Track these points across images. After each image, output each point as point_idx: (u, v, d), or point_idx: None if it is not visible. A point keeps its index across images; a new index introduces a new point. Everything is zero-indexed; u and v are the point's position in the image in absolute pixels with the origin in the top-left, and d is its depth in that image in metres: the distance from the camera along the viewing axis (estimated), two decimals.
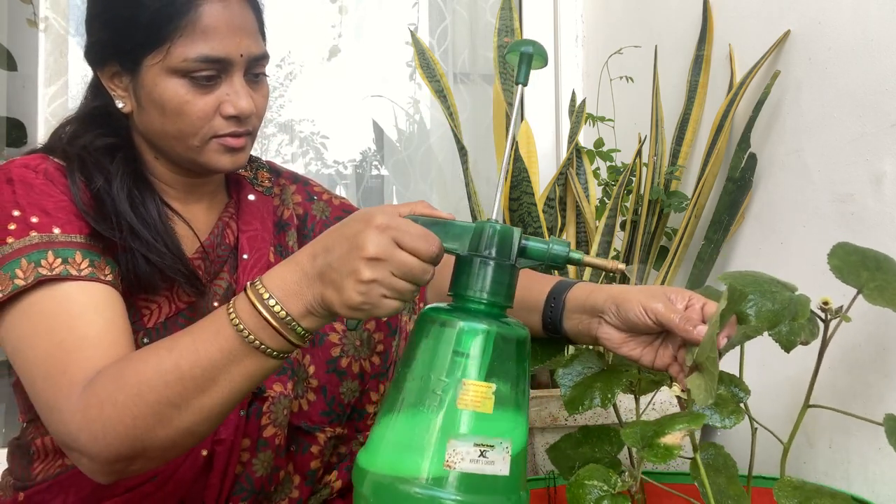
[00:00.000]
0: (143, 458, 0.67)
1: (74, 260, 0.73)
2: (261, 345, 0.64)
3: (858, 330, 0.98)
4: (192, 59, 0.78)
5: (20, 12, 1.64)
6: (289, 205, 0.99)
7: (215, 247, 0.89)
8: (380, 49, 1.90)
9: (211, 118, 0.81)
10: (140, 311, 0.81)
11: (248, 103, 0.81)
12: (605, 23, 1.84)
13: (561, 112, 1.94)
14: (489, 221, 0.62)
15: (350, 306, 0.60)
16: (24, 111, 1.64)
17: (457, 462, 0.54)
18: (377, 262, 0.59)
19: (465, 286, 0.61)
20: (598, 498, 0.55)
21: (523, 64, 0.68)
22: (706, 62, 1.37)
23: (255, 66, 0.84)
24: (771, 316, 0.62)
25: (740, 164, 1.23)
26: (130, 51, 0.80)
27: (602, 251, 1.31)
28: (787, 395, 1.03)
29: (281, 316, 0.63)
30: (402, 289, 0.60)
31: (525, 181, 1.27)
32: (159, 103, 0.80)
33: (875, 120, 0.99)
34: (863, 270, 0.70)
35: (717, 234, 1.25)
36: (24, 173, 0.78)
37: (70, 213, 0.77)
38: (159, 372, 0.65)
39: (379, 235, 0.59)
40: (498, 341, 0.58)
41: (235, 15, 0.80)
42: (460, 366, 0.56)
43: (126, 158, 0.85)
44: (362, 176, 1.91)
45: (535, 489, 0.91)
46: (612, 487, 0.55)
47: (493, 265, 0.60)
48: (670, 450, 0.53)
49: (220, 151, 0.83)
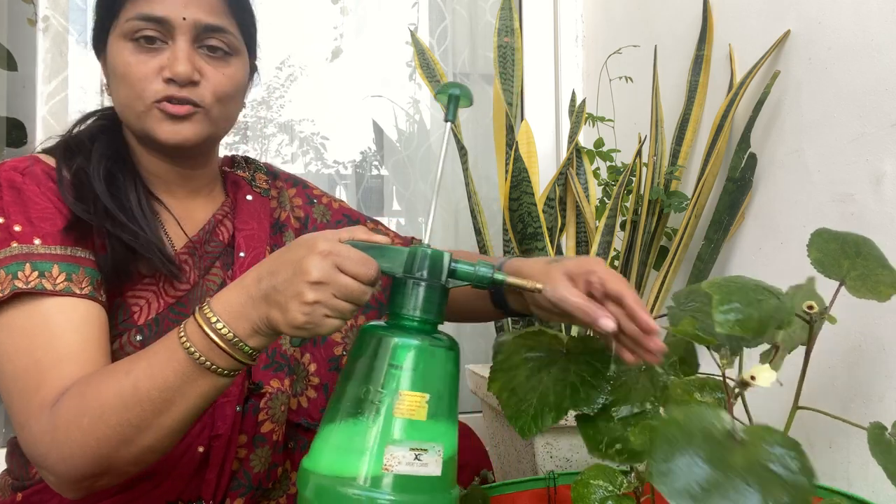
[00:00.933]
0: (108, 475, 0.70)
1: (51, 273, 0.75)
2: (212, 365, 0.67)
3: (858, 330, 0.98)
4: (133, 18, 0.80)
5: (20, 12, 1.64)
6: (286, 207, 1.01)
7: (204, 242, 0.90)
8: (380, 49, 1.90)
9: (151, 81, 0.81)
10: (130, 309, 0.82)
11: (185, 67, 0.81)
12: (605, 23, 1.84)
13: (561, 112, 1.94)
14: (422, 246, 0.67)
15: (294, 326, 0.64)
16: (23, 111, 1.64)
17: (394, 465, 0.59)
18: (320, 285, 0.63)
19: (400, 305, 0.66)
20: (603, 498, 0.55)
21: (451, 104, 0.73)
22: (706, 62, 1.37)
23: (206, 37, 0.83)
24: (757, 325, 0.61)
25: (740, 164, 1.23)
26: (101, 31, 0.85)
27: (602, 251, 1.31)
28: (786, 396, 1.03)
29: (228, 337, 0.66)
30: (343, 309, 0.64)
31: (525, 181, 1.27)
32: (113, 72, 0.83)
33: (875, 120, 0.99)
34: (843, 259, 0.68)
35: (717, 234, 1.25)
36: (12, 177, 0.79)
37: (53, 221, 0.78)
38: (119, 395, 0.67)
39: (322, 261, 0.63)
40: (429, 355, 0.64)
41: None
42: (396, 377, 0.62)
43: (109, 141, 0.86)
44: (362, 176, 1.91)
45: (535, 489, 0.91)
46: (617, 488, 0.55)
47: (426, 286, 0.66)
48: None
49: (161, 118, 0.82)
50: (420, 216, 1.92)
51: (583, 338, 0.76)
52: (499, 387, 0.74)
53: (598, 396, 0.68)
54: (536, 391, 0.71)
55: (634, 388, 0.69)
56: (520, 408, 0.70)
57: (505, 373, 0.74)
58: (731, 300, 0.61)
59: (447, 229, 1.92)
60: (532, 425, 0.69)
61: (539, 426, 0.69)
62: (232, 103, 0.89)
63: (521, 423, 0.70)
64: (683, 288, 0.77)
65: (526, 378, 0.73)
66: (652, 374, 0.70)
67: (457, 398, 0.66)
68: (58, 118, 1.65)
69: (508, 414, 0.71)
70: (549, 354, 0.74)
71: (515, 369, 0.74)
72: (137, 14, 0.80)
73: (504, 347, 0.77)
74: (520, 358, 0.75)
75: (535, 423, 0.69)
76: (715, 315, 0.61)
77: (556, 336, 0.76)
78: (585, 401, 0.68)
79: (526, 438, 0.70)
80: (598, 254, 1.31)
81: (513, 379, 0.73)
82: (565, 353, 0.74)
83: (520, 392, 0.72)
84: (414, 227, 1.92)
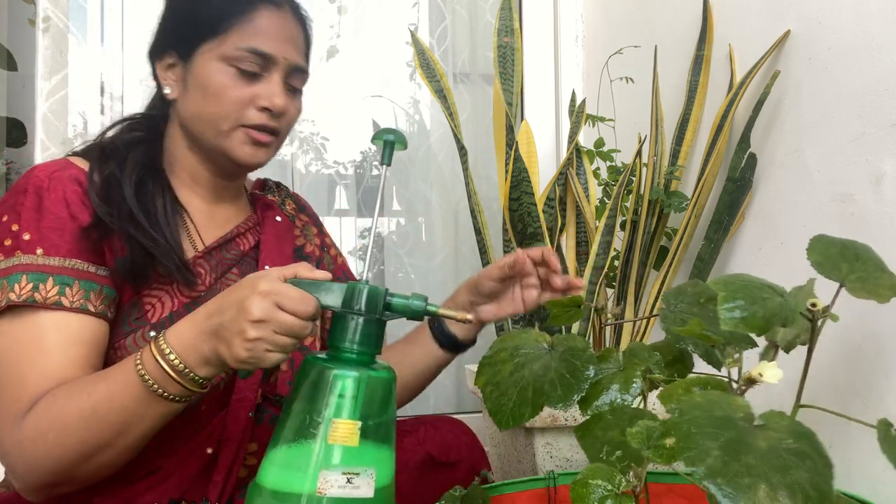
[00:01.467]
0: (68, 484, 0.77)
1: (45, 286, 0.78)
2: (164, 392, 0.73)
3: (858, 329, 0.98)
4: (242, 48, 0.87)
5: (20, 12, 1.64)
6: (311, 240, 1.09)
7: (221, 247, 0.94)
8: (380, 49, 1.90)
9: (245, 107, 0.88)
10: (144, 307, 0.84)
11: (282, 101, 0.89)
12: (605, 23, 1.84)
13: (561, 112, 1.94)
14: (360, 283, 0.71)
15: (238, 360, 0.70)
16: (23, 111, 1.64)
17: (327, 489, 0.64)
18: (261, 323, 0.68)
19: (340, 339, 0.70)
20: (602, 497, 0.55)
21: (386, 149, 0.79)
22: (706, 62, 1.37)
23: (293, 77, 0.92)
24: (761, 323, 0.61)
25: (740, 164, 1.23)
26: (189, 40, 0.89)
27: (602, 251, 1.31)
28: (787, 395, 1.03)
29: (179, 368, 0.72)
30: (284, 343, 0.70)
31: (525, 181, 1.27)
32: (204, 86, 0.88)
33: (875, 120, 0.99)
34: (843, 263, 0.70)
35: (717, 234, 1.25)
36: (40, 183, 0.83)
37: (61, 231, 0.81)
38: (81, 415, 0.73)
39: (262, 300, 0.68)
40: (366, 385, 0.68)
41: (287, 25, 0.91)
42: (332, 406, 0.67)
43: (146, 151, 0.92)
44: (362, 176, 1.91)
45: (535, 489, 0.91)
46: (615, 487, 0.55)
47: (363, 320, 0.71)
48: (674, 451, 0.53)
49: (245, 142, 0.90)
50: (420, 216, 1.92)
51: (567, 336, 0.77)
52: (484, 381, 0.76)
53: (574, 394, 0.70)
54: (517, 386, 0.73)
55: (609, 386, 0.71)
56: (500, 402, 0.73)
57: (491, 367, 0.77)
58: (736, 298, 0.62)
59: (447, 229, 1.92)
60: (509, 419, 0.71)
61: (516, 420, 0.71)
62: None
63: (499, 416, 0.72)
64: (672, 288, 0.78)
65: (510, 373, 0.75)
66: (627, 374, 0.72)
67: (394, 424, 0.71)
68: (58, 116, 1.65)
69: (489, 407, 0.73)
70: (534, 351, 0.76)
71: (501, 364, 0.76)
72: (248, 47, 0.87)
73: (494, 343, 0.79)
74: (506, 353, 0.77)
75: (513, 417, 0.71)
76: (720, 312, 0.61)
77: (542, 334, 0.79)
78: (561, 398, 0.70)
79: (502, 430, 0.73)
80: (599, 254, 1.31)
81: (497, 374, 0.76)
82: (549, 350, 0.76)
83: (502, 386, 0.74)
84: (414, 227, 1.92)
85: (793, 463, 0.49)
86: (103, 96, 1.71)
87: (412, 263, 1.90)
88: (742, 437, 0.50)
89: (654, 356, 0.73)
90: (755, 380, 0.57)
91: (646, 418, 0.64)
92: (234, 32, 0.87)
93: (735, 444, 0.49)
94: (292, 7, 0.93)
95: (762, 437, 0.50)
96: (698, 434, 0.50)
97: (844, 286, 0.68)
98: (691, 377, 0.66)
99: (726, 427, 0.51)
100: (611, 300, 1.41)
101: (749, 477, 0.47)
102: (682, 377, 0.73)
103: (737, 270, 1.29)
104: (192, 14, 0.90)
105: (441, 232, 1.92)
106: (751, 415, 0.53)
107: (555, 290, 0.95)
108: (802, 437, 0.52)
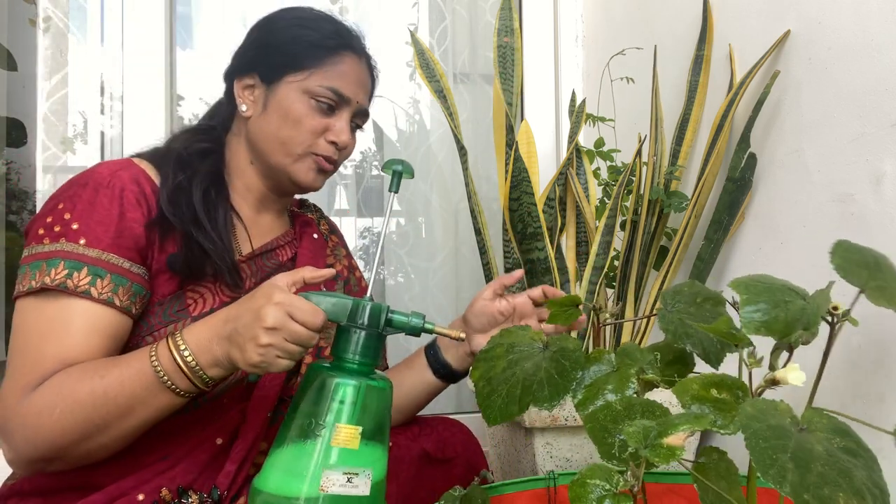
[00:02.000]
0: (61, 462, 0.81)
1: (79, 274, 0.83)
2: (172, 385, 0.79)
3: (859, 331, 0.98)
4: (326, 87, 0.98)
5: (20, 12, 1.64)
6: (341, 261, 1.16)
7: (262, 255, 1.01)
8: (380, 49, 1.90)
9: (317, 136, 0.99)
10: (186, 301, 0.90)
11: (348, 137, 1.01)
12: (605, 23, 1.84)
13: (561, 112, 1.94)
14: (364, 299, 0.79)
15: (250, 364, 0.76)
16: (24, 110, 1.64)
17: (329, 487, 0.70)
18: (274, 330, 0.74)
19: (344, 350, 0.78)
20: (601, 497, 0.55)
21: (395, 178, 0.88)
22: (706, 62, 1.37)
23: (359, 117, 1.04)
24: (783, 327, 0.61)
25: (740, 164, 1.23)
26: (276, 68, 0.99)
27: (602, 251, 1.31)
28: (789, 396, 1.03)
29: (192, 365, 0.78)
30: (293, 351, 0.76)
31: (525, 181, 1.27)
32: (284, 111, 0.97)
33: (875, 120, 0.99)
34: (863, 270, 0.70)
35: (717, 234, 1.25)
36: (100, 179, 0.88)
37: (107, 226, 0.86)
38: (91, 395, 0.78)
39: (276, 310, 0.74)
40: (365, 393, 0.75)
41: (362, 73, 1.04)
42: (335, 412, 0.73)
43: (213, 162, 1.00)
44: (362, 176, 1.91)
45: (535, 489, 0.91)
46: (614, 486, 0.55)
47: (365, 334, 0.78)
48: (673, 450, 0.53)
49: (312, 167, 1.00)
50: (420, 216, 1.92)
51: (561, 336, 0.77)
52: (478, 376, 0.77)
53: (561, 396, 0.71)
54: (508, 383, 0.74)
55: (604, 388, 0.71)
56: (490, 398, 0.74)
57: (486, 362, 0.78)
58: (759, 301, 0.62)
59: (447, 229, 1.92)
60: (497, 416, 0.73)
61: (504, 417, 0.72)
62: None
63: (488, 412, 0.73)
64: (670, 288, 0.78)
65: (502, 370, 0.76)
66: (621, 375, 0.72)
67: (388, 427, 0.78)
68: (58, 116, 1.65)
69: (479, 402, 0.75)
70: (528, 349, 0.77)
71: (496, 360, 0.77)
72: (330, 87, 0.98)
73: (492, 338, 0.81)
74: (502, 349, 0.78)
75: (501, 414, 0.72)
76: (742, 315, 0.61)
77: (539, 332, 0.80)
78: (548, 398, 0.70)
79: (490, 426, 0.74)
80: (598, 254, 1.31)
81: (491, 369, 0.77)
82: (543, 349, 0.77)
83: (493, 382, 0.75)
84: (414, 227, 1.92)
85: (851, 464, 0.50)
86: (103, 96, 1.71)
87: (412, 263, 1.90)
88: (802, 445, 0.51)
89: (646, 356, 0.72)
90: (779, 382, 0.57)
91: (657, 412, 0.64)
92: (320, 71, 0.98)
93: (801, 453, 0.50)
94: (367, 58, 1.06)
95: (815, 441, 0.51)
96: (768, 448, 0.50)
97: (864, 293, 0.68)
98: (705, 375, 0.65)
99: (785, 436, 0.51)
100: (611, 300, 1.41)
101: (827, 486, 0.48)
102: (682, 377, 0.73)
103: (737, 270, 1.28)
104: (283, 48, 0.99)
105: (441, 232, 1.92)
106: (795, 418, 0.54)
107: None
108: (845, 434, 0.53)
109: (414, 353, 1.09)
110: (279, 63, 0.99)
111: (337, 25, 1.03)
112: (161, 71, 1.72)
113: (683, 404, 0.63)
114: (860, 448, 0.52)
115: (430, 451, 1.02)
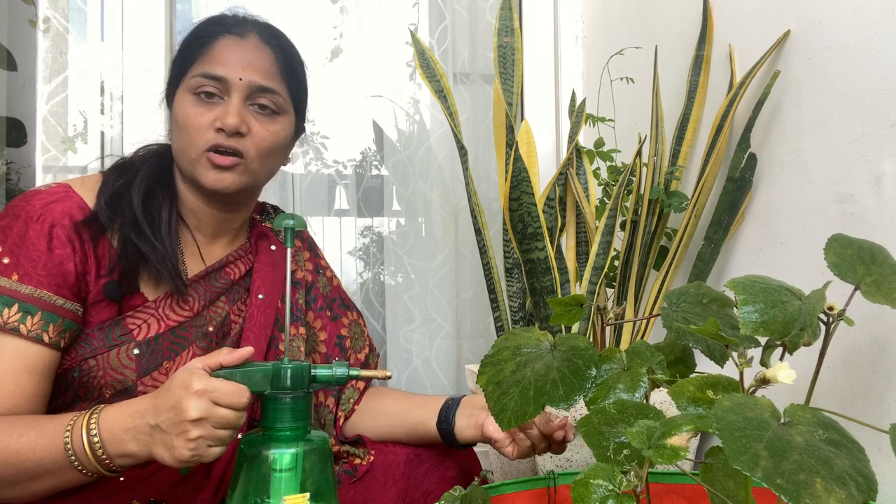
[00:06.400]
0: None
1: (9, 311, 0.81)
2: (78, 465, 0.76)
3: (858, 330, 0.98)
4: (197, 75, 0.91)
5: (20, 12, 1.64)
6: (301, 266, 1.11)
7: (208, 276, 0.97)
8: (380, 49, 1.90)
9: (205, 131, 0.90)
10: (128, 326, 0.88)
11: (234, 119, 0.90)
12: (605, 23, 1.84)
13: (561, 112, 1.94)
14: (283, 361, 0.76)
15: (181, 460, 0.72)
16: (23, 111, 1.64)
17: None
18: (201, 421, 0.71)
19: (274, 419, 0.74)
20: (603, 497, 0.55)
21: (288, 234, 0.83)
22: (706, 62, 1.37)
23: (258, 96, 0.93)
24: (781, 327, 0.61)
25: (740, 164, 1.23)
26: (171, 86, 0.95)
27: (602, 251, 1.31)
28: (788, 396, 1.03)
29: (98, 453, 0.75)
30: (223, 436, 0.73)
31: (525, 181, 1.27)
32: (177, 120, 0.92)
33: (875, 120, 0.99)
34: (859, 265, 0.69)
35: (717, 234, 1.26)
36: (31, 212, 0.86)
37: (35, 263, 0.84)
38: (4, 452, 0.76)
39: (198, 400, 0.71)
40: (304, 458, 0.73)
41: (247, 51, 0.93)
42: (277, 483, 0.71)
43: (156, 164, 0.96)
44: (362, 176, 1.91)
45: (535, 489, 0.91)
46: (616, 487, 0.55)
47: (291, 398, 0.75)
48: (677, 451, 0.53)
49: (208, 166, 0.91)
50: (420, 216, 1.92)
51: (570, 336, 0.76)
52: (486, 380, 0.76)
53: (576, 394, 0.70)
54: (519, 385, 0.72)
55: (615, 387, 0.70)
56: (502, 401, 0.72)
57: (493, 366, 0.76)
58: (756, 301, 0.62)
59: (447, 229, 1.92)
60: (511, 418, 0.71)
61: (518, 419, 0.70)
62: (272, 158, 0.97)
63: (502, 416, 0.72)
64: (675, 288, 0.78)
65: (511, 372, 0.74)
66: (632, 374, 0.71)
67: (333, 481, 0.76)
68: (58, 117, 1.65)
69: (491, 406, 0.73)
70: (536, 350, 0.76)
71: (503, 363, 0.76)
72: (202, 72, 0.91)
73: (495, 342, 0.79)
74: (508, 353, 0.77)
75: (515, 416, 0.71)
76: (740, 316, 0.61)
77: (544, 333, 0.78)
78: (563, 397, 0.69)
79: (504, 430, 0.72)
80: (599, 254, 1.31)
81: (499, 373, 0.75)
82: (551, 350, 0.76)
83: (504, 385, 0.73)
84: (414, 227, 1.92)
85: (832, 453, 0.50)
86: (103, 96, 1.70)
87: (412, 263, 1.90)
88: (780, 435, 0.51)
89: (657, 356, 0.72)
90: (770, 380, 0.57)
91: (650, 414, 0.64)
92: (196, 64, 0.92)
93: (777, 442, 0.50)
94: (260, 34, 0.95)
95: (796, 433, 0.51)
96: (742, 437, 0.50)
97: (859, 289, 0.68)
98: (702, 376, 0.66)
99: (761, 427, 0.51)
100: (611, 300, 1.41)
101: (803, 473, 0.48)
102: (684, 377, 0.73)
103: (737, 270, 1.29)
104: (174, 65, 0.96)
105: (441, 232, 1.92)
106: (777, 412, 0.54)
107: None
108: (829, 427, 0.53)
109: (444, 395, 1.06)
110: (172, 80, 0.96)
111: (219, 18, 0.97)
112: (161, 71, 1.72)
113: (679, 406, 0.63)
114: (845, 440, 0.52)
115: (421, 450, 1.02)
